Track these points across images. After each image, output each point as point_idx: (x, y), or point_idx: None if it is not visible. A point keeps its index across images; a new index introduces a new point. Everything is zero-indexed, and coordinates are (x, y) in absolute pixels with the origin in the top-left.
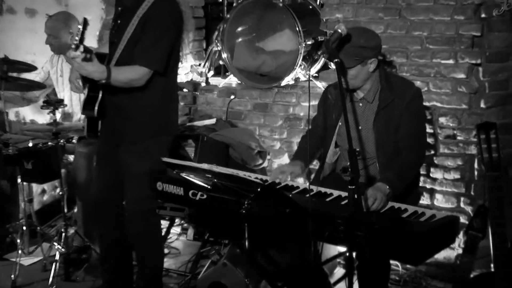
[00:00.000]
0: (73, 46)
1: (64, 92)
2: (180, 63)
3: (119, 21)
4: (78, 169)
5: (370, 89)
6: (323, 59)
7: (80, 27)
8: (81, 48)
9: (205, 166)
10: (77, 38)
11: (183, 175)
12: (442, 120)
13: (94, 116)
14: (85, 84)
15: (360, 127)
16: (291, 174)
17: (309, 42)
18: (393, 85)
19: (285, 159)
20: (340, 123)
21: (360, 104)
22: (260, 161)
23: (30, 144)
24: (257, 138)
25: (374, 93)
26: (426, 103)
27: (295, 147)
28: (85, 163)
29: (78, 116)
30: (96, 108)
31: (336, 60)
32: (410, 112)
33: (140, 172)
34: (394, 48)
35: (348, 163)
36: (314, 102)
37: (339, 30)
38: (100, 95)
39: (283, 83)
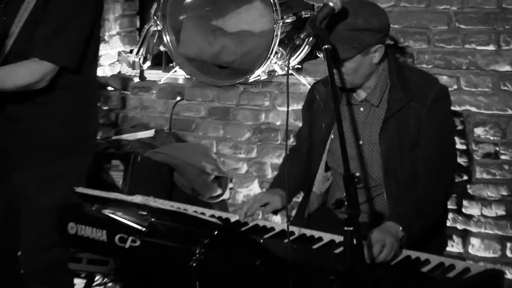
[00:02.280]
0: None
1: None
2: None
3: None
4: None
5: (375, 87)
6: (308, 44)
7: None
8: None
9: (138, 199)
10: None
11: (107, 212)
12: (478, 131)
13: None
14: None
15: (361, 142)
16: (264, 208)
17: (289, 20)
18: (408, 81)
19: (254, 188)
20: (332, 136)
21: (362, 109)
22: (218, 191)
23: None
24: (214, 158)
25: (381, 93)
26: (455, 107)
27: (270, 171)
28: None
29: None
30: None
31: (326, 46)
32: (432, 120)
33: (43, 208)
34: (409, 29)
35: (344, 194)
36: (296, 106)
37: (331, 4)
38: None
39: (252, 78)
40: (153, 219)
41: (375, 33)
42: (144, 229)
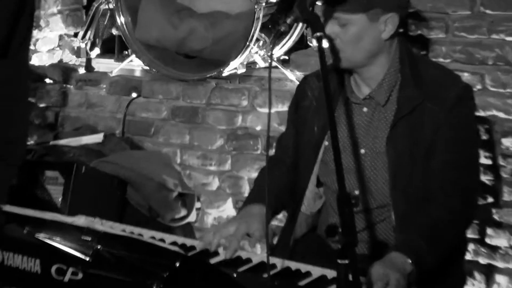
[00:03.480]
0: None
1: None
2: (35, 32)
3: None
4: None
5: (383, 80)
6: (297, 30)
7: None
8: None
9: (81, 220)
10: None
11: (41, 237)
12: (507, 142)
13: None
14: None
15: (362, 151)
16: (236, 234)
17: (273, 0)
18: (423, 77)
19: (227, 208)
20: (326, 143)
21: (365, 109)
22: (182, 212)
23: None
24: (178, 170)
25: (390, 89)
26: (479, 112)
27: (247, 188)
28: None
29: None
30: None
31: (318, 33)
32: (452, 126)
33: None
34: (424, 13)
35: (338, 218)
36: (282, 108)
37: None
38: None
39: (227, 71)
40: (99, 247)
41: None
42: (87, 258)
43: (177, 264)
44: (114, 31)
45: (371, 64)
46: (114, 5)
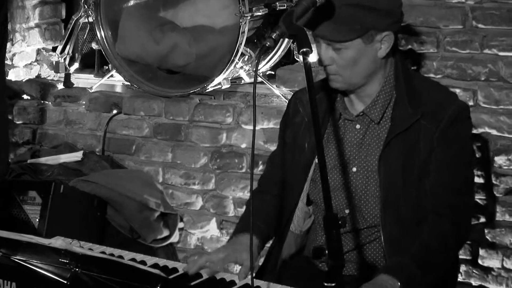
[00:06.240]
0: None
1: None
2: (11, 46)
3: None
4: None
5: (377, 97)
6: (283, 45)
7: None
8: None
9: (59, 242)
10: None
11: (17, 259)
12: (500, 160)
13: None
14: None
15: (354, 169)
16: (224, 259)
17: (260, 13)
18: (419, 94)
19: (212, 229)
20: (317, 160)
21: (358, 126)
22: (165, 233)
23: None
24: (160, 189)
25: (384, 106)
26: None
27: (231, 208)
28: None
29: None
30: None
31: (304, 49)
32: (447, 146)
33: None
34: (414, 27)
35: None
36: (267, 125)
37: None
38: None
39: (211, 87)
40: (77, 269)
41: (383, 16)
42: (65, 281)
43: (158, 287)
44: (94, 46)
45: (367, 83)
46: (93, 18)
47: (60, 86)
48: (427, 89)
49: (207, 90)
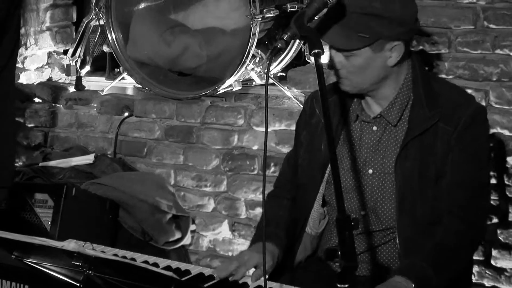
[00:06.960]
0: None
1: None
2: (23, 50)
3: None
4: None
5: (395, 100)
6: (294, 46)
7: None
8: None
9: (71, 245)
10: None
11: (30, 262)
12: None
13: None
14: None
15: (370, 171)
16: (253, 274)
17: (271, 15)
18: (437, 96)
19: (224, 231)
20: None
21: (374, 128)
22: (177, 235)
23: None
24: (172, 191)
25: (402, 109)
26: None
27: (243, 210)
28: None
29: None
30: None
31: (315, 50)
32: (463, 148)
33: None
34: (426, 28)
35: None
36: (279, 126)
37: None
38: None
39: (222, 89)
40: (90, 272)
41: (394, 24)
42: (78, 284)
43: None
44: (105, 48)
45: (379, 88)
46: (104, 21)
47: (72, 89)
48: (445, 91)
49: (218, 92)
